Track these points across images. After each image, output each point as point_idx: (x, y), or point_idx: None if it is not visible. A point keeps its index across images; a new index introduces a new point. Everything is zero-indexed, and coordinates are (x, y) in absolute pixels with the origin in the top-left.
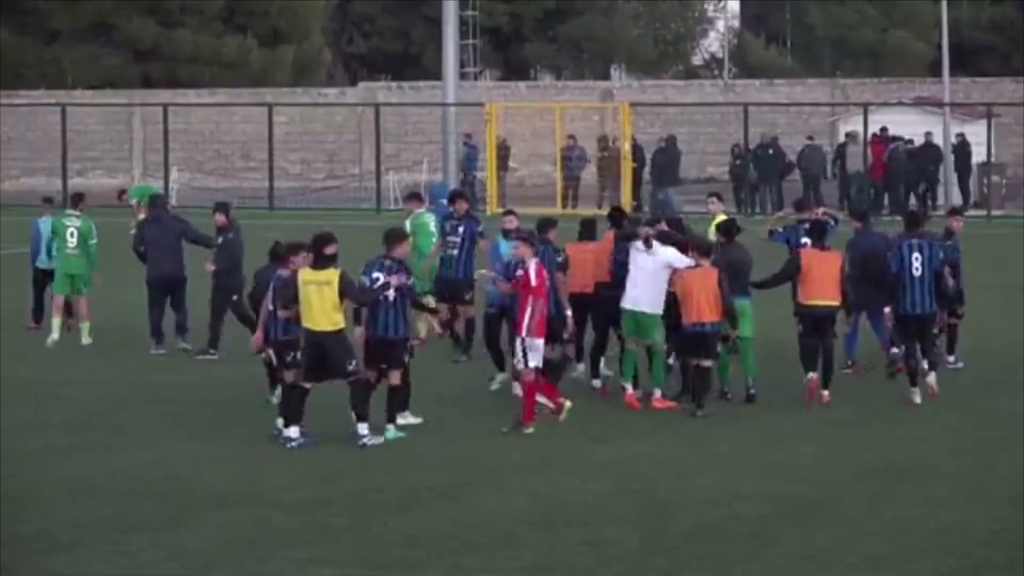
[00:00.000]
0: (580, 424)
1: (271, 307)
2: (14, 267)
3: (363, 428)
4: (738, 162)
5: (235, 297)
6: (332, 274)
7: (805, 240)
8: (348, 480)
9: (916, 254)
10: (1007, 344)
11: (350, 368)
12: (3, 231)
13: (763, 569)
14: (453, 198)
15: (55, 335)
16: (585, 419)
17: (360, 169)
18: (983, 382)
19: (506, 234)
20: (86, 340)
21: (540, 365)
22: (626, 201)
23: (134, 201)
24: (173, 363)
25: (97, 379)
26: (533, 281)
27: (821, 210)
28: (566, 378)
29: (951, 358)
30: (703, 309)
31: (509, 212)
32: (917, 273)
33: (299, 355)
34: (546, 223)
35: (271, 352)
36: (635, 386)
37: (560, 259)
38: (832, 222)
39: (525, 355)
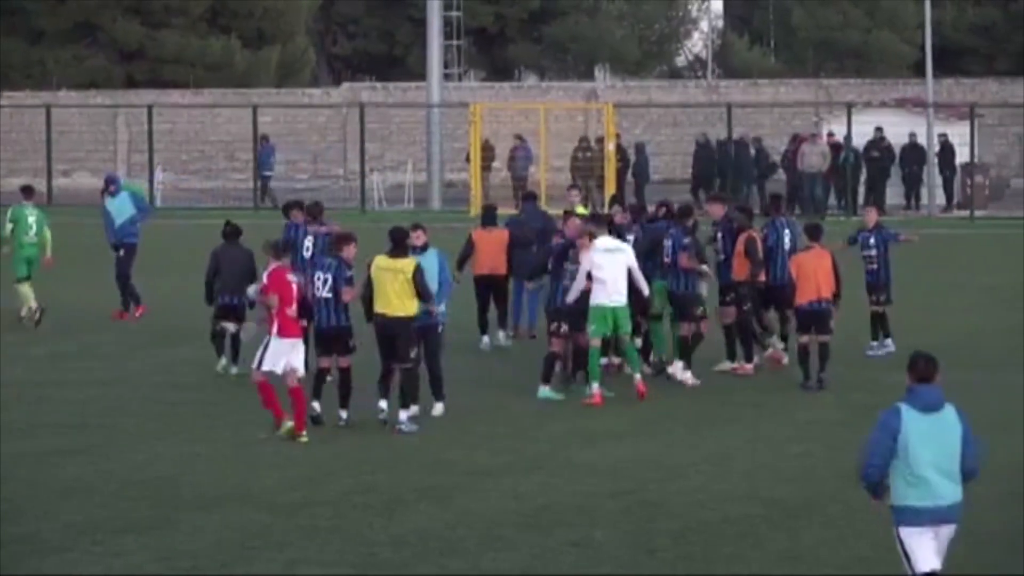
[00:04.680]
0: (568, 425)
1: (328, 294)
2: (6, 267)
3: (403, 414)
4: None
5: None
6: (408, 264)
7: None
8: (336, 482)
9: (787, 230)
10: (992, 345)
11: (412, 355)
12: None
13: (750, 570)
14: (286, 210)
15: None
16: (573, 420)
17: (344, 169)
18: (971, 383)
19: (414, 249)
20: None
21: (302, 369)
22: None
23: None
24: (166, 365)
25: (90, 381)
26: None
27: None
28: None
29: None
30: (821, 287)
31: (417, 227)
32: (787, 247)
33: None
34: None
35: (227, 325)
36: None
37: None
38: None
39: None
